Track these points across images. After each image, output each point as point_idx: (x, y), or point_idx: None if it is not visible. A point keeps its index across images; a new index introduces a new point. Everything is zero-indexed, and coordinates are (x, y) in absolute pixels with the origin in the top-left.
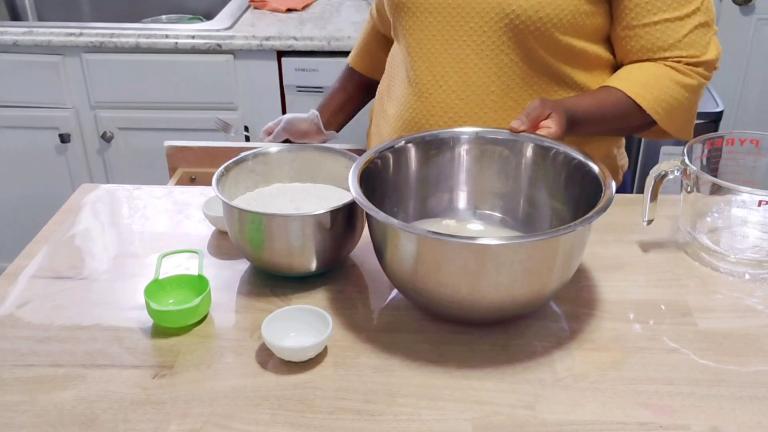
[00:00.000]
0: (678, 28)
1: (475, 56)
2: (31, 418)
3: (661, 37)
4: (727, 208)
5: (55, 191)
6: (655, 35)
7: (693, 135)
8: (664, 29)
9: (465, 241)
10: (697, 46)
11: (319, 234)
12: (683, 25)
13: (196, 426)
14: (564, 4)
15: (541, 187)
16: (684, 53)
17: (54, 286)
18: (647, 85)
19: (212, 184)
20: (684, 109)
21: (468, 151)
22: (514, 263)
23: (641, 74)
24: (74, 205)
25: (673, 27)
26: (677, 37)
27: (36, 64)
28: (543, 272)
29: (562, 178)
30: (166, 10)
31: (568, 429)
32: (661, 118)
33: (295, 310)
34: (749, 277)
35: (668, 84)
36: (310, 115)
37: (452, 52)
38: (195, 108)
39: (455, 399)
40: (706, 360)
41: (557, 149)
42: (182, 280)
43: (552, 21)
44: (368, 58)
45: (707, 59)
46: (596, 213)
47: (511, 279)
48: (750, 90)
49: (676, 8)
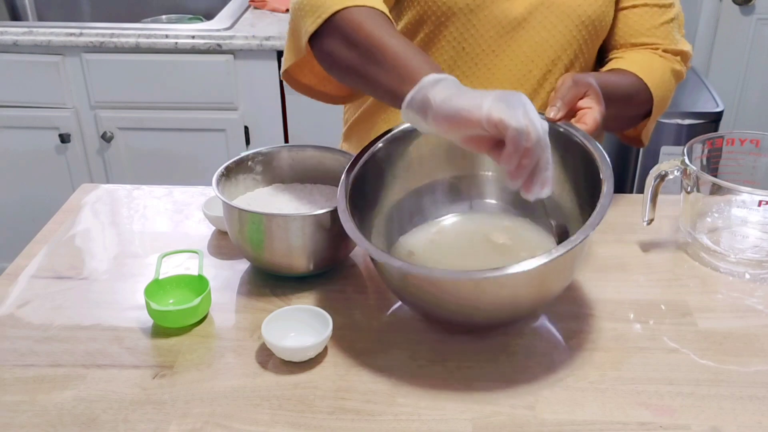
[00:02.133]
0: (656, 15)
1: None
2: (31, 418)
3: (638, 21)
4: (727, 208)
5: (55, 191)
6: (633, 18)
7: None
8: (643, 13)
9: (460, 278)
10: (671, 37)
11: (319, 234)
12: (661, 13)
13: (196, 426)
14: (610, 3)
15: None
16: (660, 41)
17: (54, 286)
18: (651, 68)
19: (212, 184)
20: (667, 99)
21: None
22: (514, 288)
23: (640, 57)
24: (74, 205)
25: (651, 12)
26: (654, 23)
27: (36, 64)
28: (545, 287)
29: (558, 156)
30: (166, 10)
31: (568, 429)
32: (655, 105)
33: (295, 310)
34: (749, 277)
35: (665, 69)
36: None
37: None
38: (195, 108)
39: (455, 399)
40: (706, 360)
41: (559, 129)
42: (182, 280)
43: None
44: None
45: (683, 49)
46: (596, 219)
47: (513, 297)
48: (750, 90)
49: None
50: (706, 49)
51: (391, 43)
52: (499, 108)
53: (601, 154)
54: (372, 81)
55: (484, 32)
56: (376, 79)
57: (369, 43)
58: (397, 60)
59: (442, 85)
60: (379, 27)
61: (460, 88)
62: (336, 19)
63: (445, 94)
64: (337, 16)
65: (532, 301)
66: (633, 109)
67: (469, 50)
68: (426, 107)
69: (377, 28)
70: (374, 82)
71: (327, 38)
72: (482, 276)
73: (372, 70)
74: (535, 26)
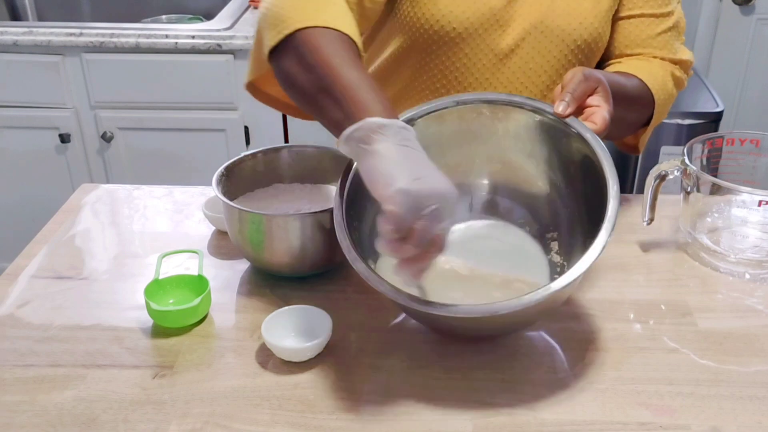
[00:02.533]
0: (653, 25)
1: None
2: (31, 418)
3: (634, 31)
4: (727, 208)
5: (55, 191)
6: (630, 29)
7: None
8: (639, 23)
9: (458, 313)
10: (669, 47)
11: (319, 234)
12: (658, 23)
13: (196, 426)
14: (606, 19)
15: (534, 160)
16: (658, 51)
17: (54, 286)
18: (652, 73)
19: (212, 184)
20: (668, 105)
21: (457, 122)
22: (519, 315)
23: (640, 62)
24: (74, 205)
25: (647, 22)
26: (650, 33)
27: (36, 64)
28: (548, 308)
29: (562, 159)
30: (166, 10)
31: (568, 429)
32: (656, 110)
33: (295, 310)
34: (749, 277)
35: (665, 75)
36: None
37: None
38: (195, 108)
39: (455, 399)
40: (706, 360)
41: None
42: (182, 280)
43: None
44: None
45: (682, 59)
46: (599, 247)
47: (514, 319)
48: (750, 90)
49: (654, 7)
50: (706, 49)
51: (345, 74)
52: (397, 201)
53: (609, 163)
54: (319, 108)
55: (476, 60)
56: (323, 107)
57: (323, 70)
58: (347, 92)
59: (381, 135)
60: (337, 53)
61: (396, 145)
62: (296, 38)
63: (378, 146)
64: (298, 34)
65: (537, 318)
66: (635, 113)
67: (461, 78)
68: (359, 152)
69: (335, 55)
70: (321, 109)
71: (285, 56)
72: (483, 311)
73: (321, 97)
74: (528, 52)
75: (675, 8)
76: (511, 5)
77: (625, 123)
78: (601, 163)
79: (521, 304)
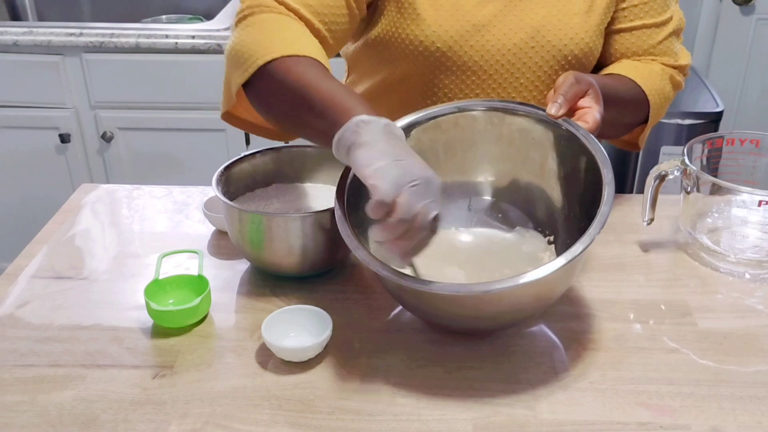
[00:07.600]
0: (654, 35)
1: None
2: (31, 418)
3: (636, 42)
4: (727, 208)
5: (55, 191)
6: (631, 40)
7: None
8: (640, 35)
9: (459, 292)
10: (669, 53)
11: (319, 234)
12: (659, 32)
13: (196, 426)
14: (598, 33)
15: (533, 165)
16: (659, 59)
17: (54, 286)
18: (649, 76)
19: (212, 184)
20: (664, 107)
21: (456, 126)
22: (514, 298)
23: (638, 64)
24: (74, 205)
25: (648, 33)
26: (652, 43)
27: (36, 64)
28: (545, 295)
29: (558, 154)
30: (166, 10)
31: (568, 429)
32: (652, 113)
33: (295, 310)
34: (749, 277)
35: (664, 77)
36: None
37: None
38: (195, 108)
39: (455, 399)
40: (706, 360)
41: (558, 126)
42: (182, 280)
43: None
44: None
45: (681, 64)
46: (596, 228)
47: (512, 306)
48: (750, 90)
49: (653, 15)
50: (706, 49)
51: (322, 86)
52: (379, 175)
53: (602, 155)
54: (303, 124)
55: (465, 78)
56: (307, 122)
57: (299, 89)
58: (327, 101)
59: (367, 128)
60: (307, 71)
61: (381, 137)
62: (263, 71)
63: (364, 138)
64: (264, 68)
65: (533, 309)
66: (629, 116)
67: (451, 96)
68: (349, 148)
69: (306, 73)
70: (305, 125)
71: (257, 88)
72: (482, 290)
73: (302, 113)
74: (519, 68)
75: (673, 12)
76: (501, 20)
77: (619, 124)
78: (593, 155)
79: (517, 283)
